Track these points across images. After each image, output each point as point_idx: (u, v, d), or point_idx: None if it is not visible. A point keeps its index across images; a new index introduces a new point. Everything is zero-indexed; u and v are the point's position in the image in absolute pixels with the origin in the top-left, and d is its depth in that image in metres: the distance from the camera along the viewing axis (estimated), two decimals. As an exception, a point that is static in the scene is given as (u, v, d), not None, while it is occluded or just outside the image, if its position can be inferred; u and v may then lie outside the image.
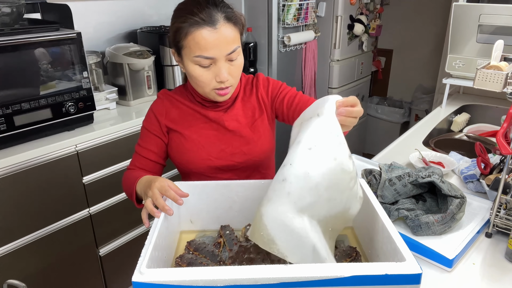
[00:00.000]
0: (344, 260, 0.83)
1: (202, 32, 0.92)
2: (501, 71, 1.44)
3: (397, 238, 0.71)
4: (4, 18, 1.52)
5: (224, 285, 0.60)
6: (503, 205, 1.04)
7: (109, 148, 1.73)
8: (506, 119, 1.00)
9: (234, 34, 0.96)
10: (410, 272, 0.63)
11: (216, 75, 0.97)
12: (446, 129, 2.02)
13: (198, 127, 1.10)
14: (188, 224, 0.99)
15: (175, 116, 1.10)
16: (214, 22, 0.92)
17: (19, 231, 1.53)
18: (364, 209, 0.86)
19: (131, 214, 1.91)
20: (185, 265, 0.79)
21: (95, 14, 2.13)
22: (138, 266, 0.65)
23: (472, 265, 0.98)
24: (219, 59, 0.95)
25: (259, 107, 1.13)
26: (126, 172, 1.13)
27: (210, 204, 0.96)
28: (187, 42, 0.94)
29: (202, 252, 0.85)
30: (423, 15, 3.63)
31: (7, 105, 1.45)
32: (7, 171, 1.43)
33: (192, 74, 0.98)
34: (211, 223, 0.99)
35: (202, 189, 0.96)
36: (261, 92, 1.14)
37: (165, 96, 1.13)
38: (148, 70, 2.02)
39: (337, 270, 0.61)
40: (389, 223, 0.76)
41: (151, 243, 0.71)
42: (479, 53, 2.00)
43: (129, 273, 2.23)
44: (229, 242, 0.90)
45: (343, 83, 3.02)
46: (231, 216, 0.98)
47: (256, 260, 0.74)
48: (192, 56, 0.95)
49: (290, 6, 2.46)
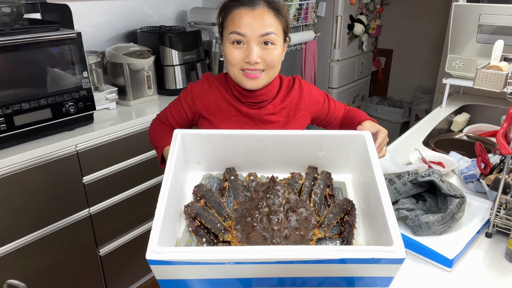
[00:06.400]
0: (339, 215, 0.87)
1: (239, 10, 0.98)
2: (501, 71, 1.44)
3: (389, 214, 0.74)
4: (4, 18, 1.52)
5: (229, 262, 0.68)
6: (503, 205, 1.04)
7: (109, 148, 1.73)
8: (506, 119, 1.00)
9: (271, 20, 0.99)
10: (395, 257, 0.67)
11: (246, 56, 0.99)
12: (446, 129, 2.02)
13: (229, 118, 1.12)
14: (195, 165, 1.02)
15: (210, 102, 1.13)
16: (254, 4, 0.98)
17: (19, 231, 1.53)
18: (362, 158, 0.94)
19: (131, 214, 1.91)
20: (193, 215, 0.85)
21: (95, 14, 2.13)
22: (151, 241, 0.69)
23: (472, 265, 0.98)
24: (251, 40, 0.98)
25: (296, 109, 1.15)
26: (157, 121, 1.22)
27: (216, 150, 1.00)
28: (227, 21, 1.00)
29: (209, 200, 0.90)
30: (423, 15, 3.63)
31: (7, 105, 1.45)
32: (7, 171, 1.43)
33: (226, 53, 1.02)
34: (216, 164, 1.02)
35: (208, 137, 0.98)
36: (305, 97, 1.16)
37: (207, 80, 1.15)
38: (148, 70, 2.02)
39: (327, 253, 0.68)
40: (386, 198, 0.79)
41: (161, 214, 0.75)
42: (479, 53, 2.00)
43: (129, 273, 2.23)
44: (234, 189, 0.95)
45: (343, 83, 3.02)
46: (236, 160, 1.01)
47: (258, 228, 0.81)
48: (227, 34, 0.99)
49: (290, 6, 2.46)
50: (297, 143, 0.99)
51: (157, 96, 2.11)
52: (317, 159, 1.01)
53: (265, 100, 1.12)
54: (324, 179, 0.98)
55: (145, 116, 1.85)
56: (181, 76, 2.18)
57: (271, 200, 0.87)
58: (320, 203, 0.93)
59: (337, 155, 1.01)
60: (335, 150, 1.00)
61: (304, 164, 1.02)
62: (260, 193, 0.90)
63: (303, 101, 1.16)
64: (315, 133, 0.97)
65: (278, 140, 0.98)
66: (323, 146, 0.99)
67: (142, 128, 1.83)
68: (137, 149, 1.84)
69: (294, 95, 1.16)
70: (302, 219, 0.83)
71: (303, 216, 0.84)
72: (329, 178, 0.99)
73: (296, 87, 1.17)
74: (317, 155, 1.01)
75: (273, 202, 0.86)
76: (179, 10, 2.56)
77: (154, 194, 1.95)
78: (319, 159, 1.01)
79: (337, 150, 1.00)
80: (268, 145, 0.98)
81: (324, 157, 1.01)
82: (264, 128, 1.12)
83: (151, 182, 1.94)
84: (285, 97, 1.15)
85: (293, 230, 0.81)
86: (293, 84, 1.17)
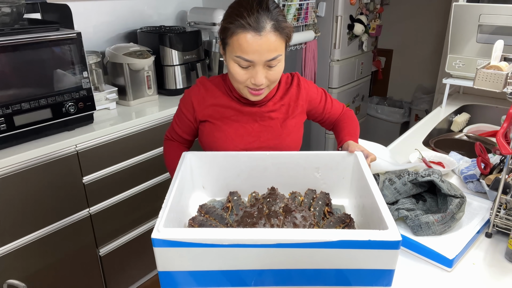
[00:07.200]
0: (338, 225, 0.90)
1: (246, 35, 0.95)
2: (501, 71, 1.44)
3: (383, 208, 0.79)
4: (4, 18, 1.52)
5: (229, 243, 0.70)
6: (503, 205, 1.04)
7: (109, 148, 1.73)
8: (506, 119, 1.00)
9: (278, 43, 0.98)
10: (390, 239, 0.70)
11: (252, 77, 1.00)
12: (446, 129, 2.02)
13: (230, 118, 1.14)
14: (201, 189, 1.09)
15: (209, 105, 1.14)
16: (260, 29, 0.94)
17: (19, 231, 1.53)
18: (359, 181, 0.99)
19: (131, 214, 1.91)
20: (196, 225, 0.90)
21: (95, 14, 2.13)
22: (157, 225, 0.73)
23: (472, 265, 0.98)
24: (258, 64, 0.98)
25: (295, 105, 1.18)
26: (167, 141, 1.27)
27: (220, 173, 1.07)
28: (232, 41, 0.98)
29: (212, 215, 0.94)
30: (423, 15, 3.63)
31: (7, 105, 1.45)
32: (7, 171, 1.43)
33: (231, 70, 1.02)
34: (221, 190, 1.10)
35: (212, 158, 1.06)
36: (302, 93, 1.18)
37: (203, 85, 1.16)
38: (148, 70, 2.02)
39: (325, 234, 0.70)
40: (378, 195, 0.84)
41: (167, 206, 0.80)
42: (479, 53, 2.00)
43: (129, 273, 2.23)
44: (236, 207, 0.99)
45: (343, 83, 3.02)
46: (239, 183, 1.08)
47: (258, 224, 0.83)
48: (233, 55, 0.99)
49: (290, 6, 2.46)
50: (294, 164, 1.06)
51: (157, 96, 2.11)
52: (315, 181, 1.08)
53: (265, 99, 1.14)
54: (322, 198, 1.02)
55: (145, 116, 1.85)
56: (181, 76, 2.18)
57: (271, 203, 0.89)
58: (319, 216, 0.96)
59: (333, 176, 1.07)
60: (331, 171, 1.07)
61: (303, 187, 1.08)
62: (261, 200, 0.93)
63: (301, 97, 1.18)
64: (310, 152, 1.05)
65: (277, 160, 1.05)
66: (319, 167, 1.06)
67: (142, 128, 1.83)
68: (137, 149, 1.84)
69: (293, 91, 1.18)
70: (300, 218, 0.85)
71: (302, 215, 0.86)
72: (327, 197, 1.03)
73: (295, 84, 1.19)
74: (314, 177, 1.08)
75: (273, 205, 0.89)
76: (179, 10, 2.56)
77: (154, 194, 1.96)
78: (316, 181, 1.08)
79: (333, 171, 1.07)
80: (268, 165, 1.05)
81: (321, 178, 1.08)
82: (263, 125, 1.14)
83: (151, 182, 1.95)
84: (284, 94, 1.17)
85: (292, 227, 0.83)
86: (292, 81, 1.19)
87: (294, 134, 1.17)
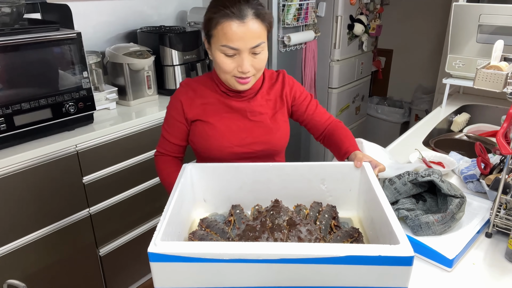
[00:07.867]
0: (346, 240, 0.85)
1: (230, 24, 0.99)
2: (501, 71, 1.44)
3: (393, 221, 0.74)
4: (4, 18, 1.52)
5: (230, 258, 0.65)
6: (503, 205, 1.04)
7: (109, 148, 1.73)
8: (506, 119, 1.00)
9: (260, 30, 1.02)
10: (402, 254, 0.65)
11: (239, 65, 1.03)
12: (446, 129, 2.02)
13: (221, 116, 1.15)
14: (202, 202, 1.05)
15: (199, 105, 1.16)
16: (243, 16, 0.99)
17: (19, 231, 1.53)
18: (367, 193, 0.95)
19: (131, 214, 1.91)
20: (197, 240, 0.86)
21: (95, 14, 2.13)
22: (154, 239, 0.69)
23: (472, 265, 0.98)
24: (243, 51, 1.02)
25: (280, 101, 1.21)
26: (158, 157, 1.24)
27: (222, 185, 1.03)
28: (216, 31, 1.02)
29: (213, 229, 0.91)
30: (423, 15, 3.63)
31: (7, 105, 1.45)
32: (7, 171, 1.43)
33: (217, 60, 1.05)
34: (223, 203, 1.05)
35: (214, 170, 1.02)
36: (286, 89, 1.21)
37: (189, 86, 1.18)
38: (148, 70, 2.02)
39: (332, 249, 0.65)
40: (388, 207, 0.80)
41: (165, 219, 0.76)
42: (479, 53, 2.00)
43: (129, 273, 2.23)
44: (239, 220, 0.96)
45: (343, 83, 3.02)
46: (242, 195, 1.04)
47: (261, 239, 0.79)
48: (219, 45, 1.02)
49: (290, 6, 2.46)
50: (299, 175, 1.02)
51: (157, 96, 2.11)
52: (321, 193, 1.04)
53: (252, 92, 1.17)
54: (329, 211, 0.97)
55: (145, 116, 1.85)
56: (181, 76, 2.18)
57: (275, 216, 0.85)
58: (325, 230, 0.91)
59: (340, 188, 1.03)
60: (338, 183, 1.02)
61: (308, 199, 1.03)
62: (264, 213, 0.90)
63: (285, 92, 1.22)
64: (315, 164, 1.01)
65: (281, 171, 1.01)
66: (325, 178, 1.02)
67: (142, 128, 1.83)
68: (137, 149, 1.84)
69: (278, 87, 1.22)
70: (306, 232, 0.81)
71: (307, 229, 0.81)
72: (334, 210, 0.99)
73: (280, 80, 1.23)
74: (320, 189, 1.03)
75: (277, 218, 0.85)
76: (179, 10, 2.56)
77: (155, 194, 1.96)
78: (322, 193, 1.04)
79: (340, 182, 1.02)
80: (272, 177, 1.02)
81: (327, 191, 1.04)
82: (254, 120, 1.16)
83: (151, 182, 1.94)
84: (270, 89, 1.21)
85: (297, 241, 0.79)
86: (277, 77, 1.23)
87: (283, 129, 1.20)
